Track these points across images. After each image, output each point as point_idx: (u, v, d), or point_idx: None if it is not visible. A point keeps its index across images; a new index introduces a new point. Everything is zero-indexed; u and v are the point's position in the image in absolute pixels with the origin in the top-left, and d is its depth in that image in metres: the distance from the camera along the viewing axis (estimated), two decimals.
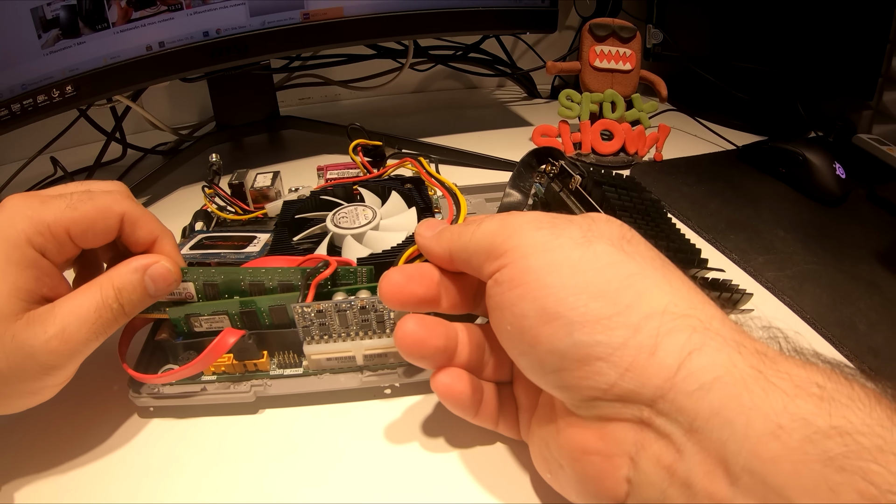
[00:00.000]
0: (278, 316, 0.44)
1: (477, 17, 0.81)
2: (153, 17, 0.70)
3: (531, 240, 0.30)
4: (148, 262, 0.39)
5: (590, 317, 0.27)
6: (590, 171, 0.58)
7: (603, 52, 0.84)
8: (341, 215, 0.53)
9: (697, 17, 1.05)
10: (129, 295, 0.38)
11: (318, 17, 0.76)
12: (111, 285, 0.37)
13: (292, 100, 1.10)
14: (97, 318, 0.36)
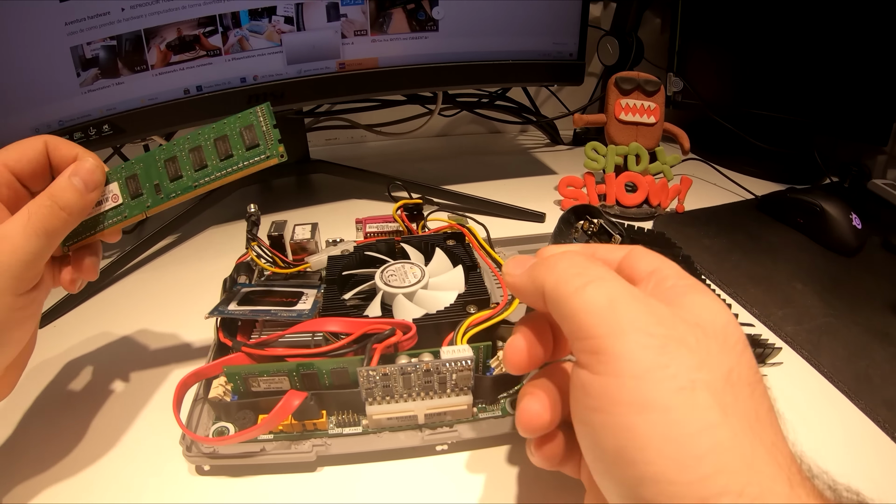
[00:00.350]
0: (339, 377, 0.45)
1: (507, 70, 0.83)
2: (192, 62, 0.71)
3: (632, 357, 0.27)
4: (73, 166, 0.41)
5: (663, 478, 0.25)
6: (625, 229, 0.60)
7: (628, 105, 0.86)
8: (389, 273, 0.54)
9: (716, 66, 1.07)
10: (60, 194, 0.40)
11: (354, 67, 0.77)
12: (45, 193, 0.40)
13: (319, 140, 1.11)
14: (31, 217, 0.39)
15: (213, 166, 0.44)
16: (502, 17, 0.81)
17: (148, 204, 0.44)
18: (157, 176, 0.44)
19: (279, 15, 0.72)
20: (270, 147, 0.44)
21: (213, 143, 0.44)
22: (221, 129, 0.44)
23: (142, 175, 0.44)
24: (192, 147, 0.44)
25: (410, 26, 0.77)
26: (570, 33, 0.84)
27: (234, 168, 0.44)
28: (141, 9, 0.68)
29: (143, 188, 0.44)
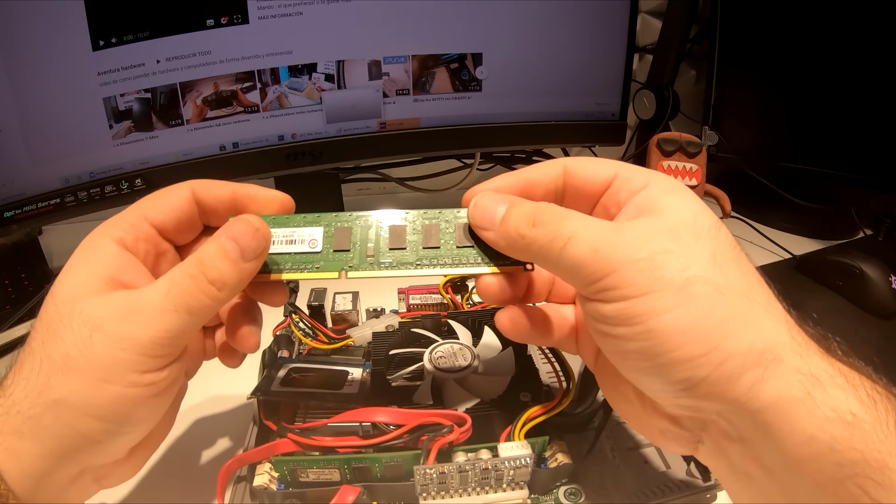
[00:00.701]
0: (392, 471, 0.43)
1: (549, 131, 0.81)
2: (228, 118, 0.70)
3: (632, 283, 0.30)
4: (228, 226, 0.34)
5: (687, 357, 0.29)
6: None
7: (670, 167, 0.83)
8: (439, 354, 0.52)
9: (751, 118, 1.04)
10: (210, 263, 0.33)
11: (395, 127, 0.75)
12: (193, 258, 0.33)
13: (350, 190, 1.09)
14: (172, 288, 0.32)
15: (445, 251, 0.38)
16: (546, 77, 0.79)
17: (350, 265, 0.38)
18: (376, 240, 0.39)
19: (320, 72, 0.71)
20: None
21: (455, 227, 0.39)
22: (462, 217, 0.39)
23: (356, 233, 0.39)
24: (426, 222, 0.39)
25: (454, 86, 0.76)
26: (613, 93, 0.82)
27: (468, 261, 0.38)
28: (177, 62, 0.67)
29: (352, 245, 0.38)
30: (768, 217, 1.00)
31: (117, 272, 0.33)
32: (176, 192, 0.37)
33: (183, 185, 0.37)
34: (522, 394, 0.49)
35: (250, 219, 0.34)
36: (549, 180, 0.38)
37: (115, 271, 0.33)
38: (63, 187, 0.68)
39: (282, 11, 0.68)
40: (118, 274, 0.33)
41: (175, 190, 0.37)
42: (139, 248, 0.35)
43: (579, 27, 0.79)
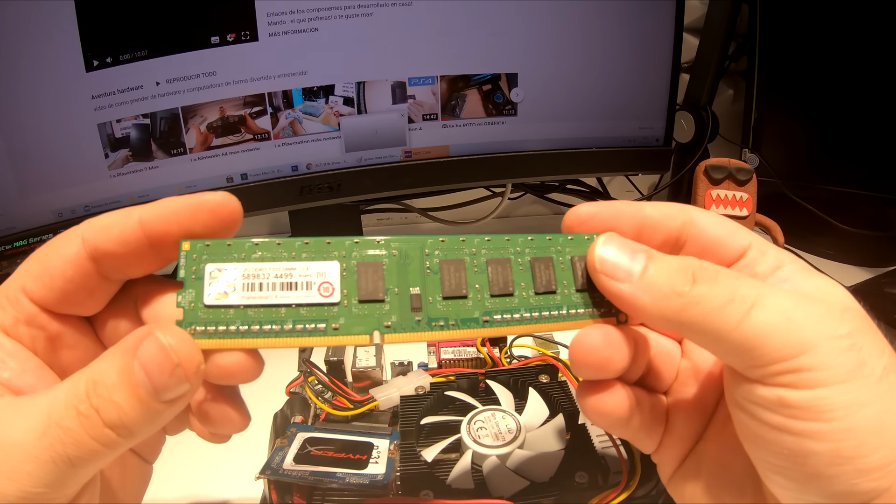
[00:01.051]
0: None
1: (589, 159, 0.75)
2: (236, 146, 0.64)
3: (833, 364, 0.25)
4: (140, 334, 0.24)
5: (878, 465, 0.24)
6: None
7: (719, 196, 0.78)
8: (478, 424, 0.45)
9: (792, 139, 1.00)
10: (108, 396, 0.23)
11: (421, 156, 0.69)
12: (83, 383, 0.23)
13: (370, 220, 1.03)
14: (52, 431, 0.23)
15: (521, 300, 0.28)
16: (586, 100, 0.73)
17: (388, 323, 0.26)
18: (422, 283, 0.27)
19: (338, 95, 0.65)
20: None
21: (529, 265, 0.29)
22: (543, 246, 0.30)
23: (391, 270, 0.27)
24: (493, 256, 0.29)
25: (486, 110, 0.70)
26: (657, 116, 0.77)
27: (552, 314, 0.28)
28: (179, 84, 0.62)
29: (385, 292, 0.27)
30: (810, 244, 0.96)
31: None
32: (58, 251, 0.26)
33: (70, 237, 0.26)
34: (578, 474, 0.43)
35: (166, 339, 0.24)
36: (671, 226, 0.30)
37: None
38: (56, 221, 0.63)
39: (295, 27, 0.62)
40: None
41: (57, 247, 0.26)
42: (21, 333, 0.26)
43: (621, 45, 0.73)
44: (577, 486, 0.42)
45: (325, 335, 0.26)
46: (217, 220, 0.26)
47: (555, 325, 0.28)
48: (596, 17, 0.71)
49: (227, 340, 0.25)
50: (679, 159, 0.98)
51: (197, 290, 0.25)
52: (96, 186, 0.63)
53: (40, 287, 0.26)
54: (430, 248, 0.28)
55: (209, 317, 0.25)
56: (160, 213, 0.25)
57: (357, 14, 0.63)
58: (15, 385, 0.25)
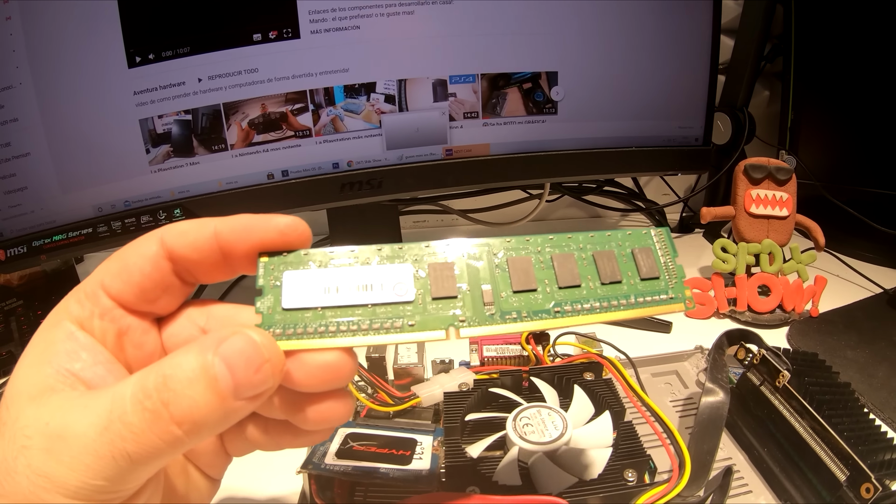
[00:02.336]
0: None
1: (629, 158, 0.75)
2: (277, 143, 0.64)
3: None
4: (219, 334, 0.24)
5: None
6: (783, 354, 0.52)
7: (759, 196, 0.77)
8: (524, 421, 0.45)
9: (830, 140, 1.00)
10: (182, 390, 0.23)
11: (462, 154, 0.69)
12: (154, 377, 0.23)
13: (406, 222, 1.03)
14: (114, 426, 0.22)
15: (589, 290, 0.29)
16: (625, 99, 0.73)
17: (462, 318, 0.27)
18: (492, 279, 0.29)
19: (379, 92, 0.65)
20: (674, 286, 0.31)
21: (592, 259, 0.30)
22: (603, 241, 0.31)
23: (462, 270, 0.29)
24: (557, 253, 0.30)
25: (527, 108, 0.69)
26: (696, 115, 0.76)
27: (621, 302, 0.29)
28: (221, 80, 0.62)
29: (457, 291, 0.28)
30: (849, 247, 0.95)
31: (67, 361, 0.25)
32: (139, 250, 0.27)
33: (150, 238, 0.27)
34: (627, 471, 0.42)
35: (257, 336, 0.24)
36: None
37: (65, 361, 0.25)
38: (95, 216, 0.63)
39: (337, 25, 0.62)
40: (68, 363, 0.25)
41: (138, 247, 0.27)
42: (94, 326, 0.27)
43: (660, 44, 0.72)
44: (626, 484, 0.41)
45: (401, 332, 0.26)
46: (285, 243, 0.27)
47: (625, 313, 0.29)
48: (634, 15, 0.70)
49: (304, 341, 0.26)
50: (716, 161, 0.97)
51: (275, 296, 0.26)
52: (137, 182, 0.63)
53: (119, 283, 0.27)
54: (496, 249, 0.29)
55: (287, 319, 0.26)
56: (234, 227, 0.27)
57: (398, 12, 0.63)
58: (85, 376, 0.25)
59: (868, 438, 0.46)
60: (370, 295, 0.27)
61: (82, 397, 0.24)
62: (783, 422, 0.47)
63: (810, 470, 0.44)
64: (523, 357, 0.54)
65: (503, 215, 0.96)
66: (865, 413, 0.49)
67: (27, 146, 0.59)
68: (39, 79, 0.57)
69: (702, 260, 0.91)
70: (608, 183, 1.00)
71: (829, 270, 0.89)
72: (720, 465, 0.44)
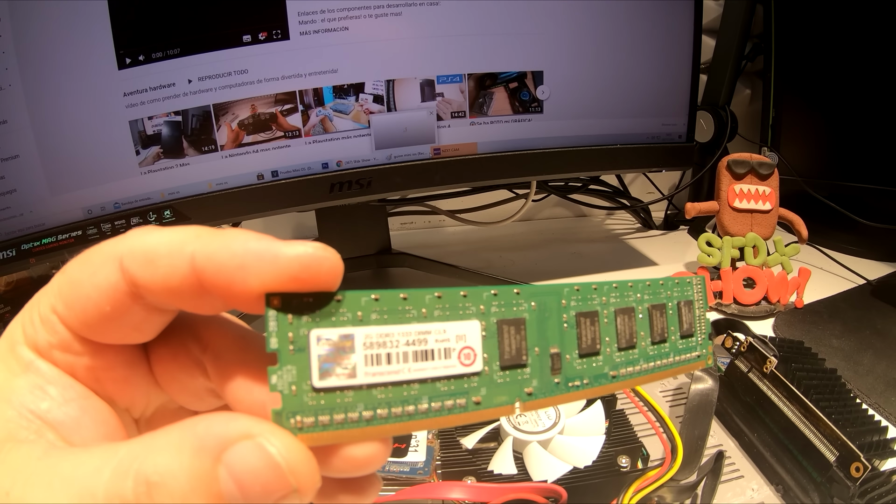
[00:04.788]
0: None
1: (615, 155, 0.76)
2: (267, 144, 0.64)
3: None
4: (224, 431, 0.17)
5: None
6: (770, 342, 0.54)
7: (742, 190, 0.78)
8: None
9: (811, 136, 1.01)
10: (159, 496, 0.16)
11: (450, 154, 0.69)
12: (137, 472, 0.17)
13: (393, 224, 1.03)
14: None
15: (640, 351, 0.26)
16: (610, 97, 0.74)
17: (529, 390, 0.22)
18: (559, 339, 0.23)
19: (367, 93, 0.65)
20: (702, 342, 0.28)
21: (648, 312, 0.26)
22: (657, 293, 0.27)
23: (532, 327, 0.23)
24: (620, 305, 0.26)
25: (513, 107, 0.70)
26: (680, 113, 0.77)
27: (660, 363, 0.27)
28: (210, 81, 0.62)
29: (527, 355, 0.22)
30: (831, 240, 0.96)
31: (32, 400, 0.20)
32: (92, 279, 0.19)
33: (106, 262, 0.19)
34: (620, 457, 0.43)
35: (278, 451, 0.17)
36: None
37: (29, 399, 0.20)
38: (85, 218, 0.63)
39: (325, 26, 0.62)
40: (33, 403, 0.20)
41: (92, 273, 0.19)
42: (56, 358, 0.20)
43: (643, 42, 0.73)
44: (619, 470, 0.42)
45: (465, 411, 0.21)
46: (300, 288, 0.18)
47: (662, 374, 0.27)
48: (618, 16, 0.71)
49: (346, 432, 0.19)
50: (699, 159, 0.98)
51: (300, 367, 0.18)
52: (127, 183, 0.63)
53: (71, 315, 0.20)
54: (566, 299, 0.24)
55: (320, 403, 0.18)
56: (222, 262, 0.18)
57: (386, 13, 0.63)
58: (55, 418, 0.20)
59: (856, 421, 0.47)
60: (431, 366, 0.20)
61: (46, 461, 0.18)
62: (772, 407, 0.48)
63: (800, 452, 0.45)
64: None
65: (490, 215, 0.96)
66: (852, 397, 0.50)
67: (16, 149, 0.59)
68: (28, 81, 0.57)
69: (687, 255, 0.92)
70: (593, 182, 1.01)
71: (813, 263, 0.90)
72: (712, 451, 0.45)
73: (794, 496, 0.44)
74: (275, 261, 0.18)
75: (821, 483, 0.43)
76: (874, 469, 0.40)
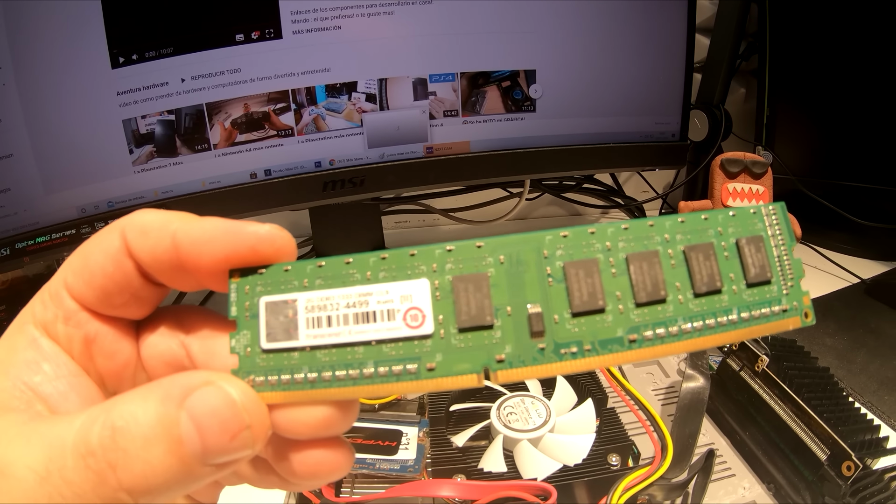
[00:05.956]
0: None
1: (608, 154, 0.76)
2: (260, 142, 0.65)
3: None
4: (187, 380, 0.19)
5: None
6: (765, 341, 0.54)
7: (735, 189, 0.78)
8: (508, 410, 0.46)
9: (805, 135, 1.00)
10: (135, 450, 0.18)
11: (443, 152, 0.69)
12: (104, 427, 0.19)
13: (388, 223, 1.03)
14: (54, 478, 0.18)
15: (677, 306, 0.21)
16: (603, 96, 0.74)
17: (500, 356, 0.20)
18: (542, 296, 0.21)
19: (360, 91, 0.65)
20: (790, 292, 0.22)
21: (683, 255, 0.21)
22: (698, 231, 0.22)
23: (500, 284, 0.21)
24: (635, 250, 0.21)
25: (506, 106, 0.70)
26: (673, 112, 0.77)
27: (719, 321, 0.21)
28: (203, 80, 0.62)
29: (495, 313, 0.20)
30: (826, 239, 0.96)
31: (27, 373, 0.22)
32: (100, 245, 0.22)
33: (112, 231, 0.22)
34: (610, 455, 0.43)
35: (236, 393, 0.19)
36: None
37: (24, 372, 0.22)
38: (79, 217, 0.63)
39: (318, 25, 0.63)
40: (27, 375, 0.22)
41: (100, 240, 0.22)
42: (59, 332, 0.23)
43: (636, 41, 0.73)
44: (609, 468, 0.42)
45: (417, 378, 0.20)
46: (258, 259, 0.21)
47: (725, 337, 0.21)
48: (611, 15, 0.71)
49: (293, 393, 0.20)
50: (693, 158, 0.98)
51: (253, 332, 0.21)
52: (120, 182, 0.63)
53: (80, 283, 0.22)
54: (549, 248, 0.21)
55: (270, 364, 0.20)
56: (194, 236, 0.21)
57: (379, 12, 0.63)
58: (44, 392, 0.22)
59: (848, 420, 0.47)
60: (374, 328, 0.20)
61: (30, 425, 0.20)
62: (763, 405, 0.48)
63: (791, 451, 0.45)
64: None
65: (484, 214, 0.96)
66: (845, 396, 0.51)
67: (10, 148, 0.59)
68: (23, 80, 0.57)
69: None
70: (587, 180, 1.01)
71: (807, 262, 0.90)
72: (703, 450, 0.45)
73: (785, 495, 0.44)
74: (237, 235, 0.21)
75: (812, 482, 0.43)
76: (866, 468, 0.41)
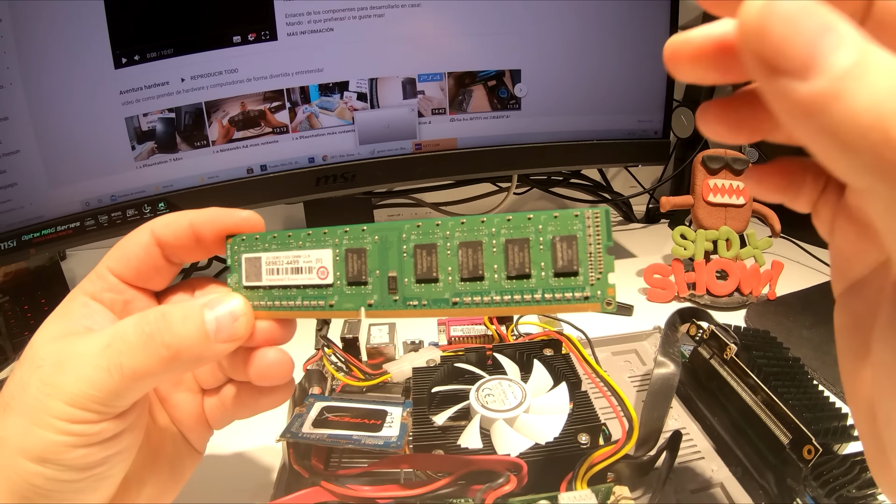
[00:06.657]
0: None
1: (591, 151, 0.78)
2: (256, 139, 0.67)
3: None
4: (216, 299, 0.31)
5: None
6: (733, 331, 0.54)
7: (716, 185, 0.80)
8: (486, 392, 0.48)
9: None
10: (178, 323, 0.29)
11: (431, 148, 0.72)
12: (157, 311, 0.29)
13: (380, 216, 1.05)
14: (115, 344, 0.28)
15: (492, 283, 0.28)
16: (586, 94, 0.76)
17: (370, 302, 0.30)
18: (398, 266, 0.30)
19: (352, 91, 0.68)
20: (595, 283, 0.27)
21: (504, 246, 0.28)
22: (521, 227, 0.28)
23: (374, 255, 0.30)
24: (466, 239, 0.29)
25: (491, 104, 0.72)
26: (655, 110, 0.79)
27: (525, 298, 0.28)
28: (202, 80, 0.65)
29: (368, 275, 0.30)
30: (808, 234, 0.97)
31: (83, 319, 0.32)
32: (134, 239, 0.33)
33: (143, 229, 0.33)
34: (580, 435, 0.45)
35: (238, 299, 0.32)
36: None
37: (80, 319, 0.32)
38: (83, 210, 0.65)
39: (311, 27, 0.65)
40: (83, 321, 0.32)
41: (134, 236, 0.33)
42: (105, 298, 0.33)
43: (619, 42, 0.75)
44: (580, 446, 0.44)
45: (323, 310, 0.32)
46: (243, 230, 0.34)
47: (527, 310, 0.29)
48: (594, 15, 0.73)
49: (260, 312, 0.33)
50: (680, 154, 1.00)
51: (238, 275, 0.33)
52: (123, 177, 0.65)
53: (121, 265, 0.33)
54: (406, 234, 0.30)
55: (248, 294, 0.33)
56: (204, 218, 0.33)
57: (370, 15, 0.66)
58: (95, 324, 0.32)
59: (815, 407, 0.48)
60: (301, 278, 0.32)
61: (91, 332, 0.30)
62: (731, 392, 0.50)
63: (756, 435, 0.47)
64: (488, 336, 0.57)
65: (474, 207, 0.99)
66: (815, 385, 0.52)
67: (17, 144, 0.61)
68: (29, 79, 0.60)
69: (665, 248, 0.94)
70: (575, 175, 1.03)
71: (788, 256, 0.92)
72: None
73: (751, 477, 0.46)
74: (230, 215, 0.33)
75: (775, 465, 0.45)
76: (827, 451, 0.42)
